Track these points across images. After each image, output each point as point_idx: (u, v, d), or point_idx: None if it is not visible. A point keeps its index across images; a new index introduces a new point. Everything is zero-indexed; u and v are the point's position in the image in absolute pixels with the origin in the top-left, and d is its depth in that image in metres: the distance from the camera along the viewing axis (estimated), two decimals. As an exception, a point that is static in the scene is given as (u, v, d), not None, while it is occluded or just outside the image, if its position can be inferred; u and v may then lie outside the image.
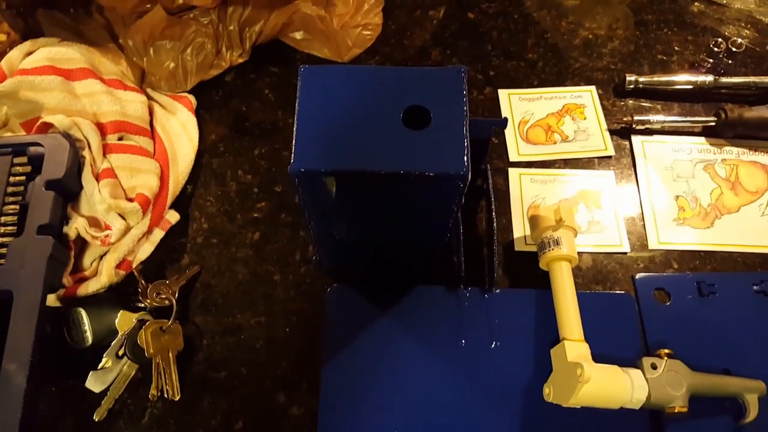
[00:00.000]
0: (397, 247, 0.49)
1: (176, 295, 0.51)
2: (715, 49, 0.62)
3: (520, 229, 0.55)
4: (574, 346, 0.45)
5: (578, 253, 0.54)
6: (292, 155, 0.38)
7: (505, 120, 0.51)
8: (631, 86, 0.61)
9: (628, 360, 0.46)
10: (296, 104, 0.39)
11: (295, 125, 0.39)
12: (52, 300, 0.50)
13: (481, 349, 0.50)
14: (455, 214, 0.43)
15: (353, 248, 0.50)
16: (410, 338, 0.50)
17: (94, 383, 0.47)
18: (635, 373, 0.45)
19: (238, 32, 0.61)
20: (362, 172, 0.38)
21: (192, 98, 0.61)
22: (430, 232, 0.46)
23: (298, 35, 0.64)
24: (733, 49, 0.62)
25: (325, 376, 0.49)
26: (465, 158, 0.38)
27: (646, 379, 0.45)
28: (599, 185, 0.57)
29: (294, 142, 0.38)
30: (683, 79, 0.61)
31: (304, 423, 0.47)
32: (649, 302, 0.52)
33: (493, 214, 0.53)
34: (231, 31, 0.61)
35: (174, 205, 0.55)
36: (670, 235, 0.55)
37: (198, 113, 0.61)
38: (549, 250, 0.50)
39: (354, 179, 0.39)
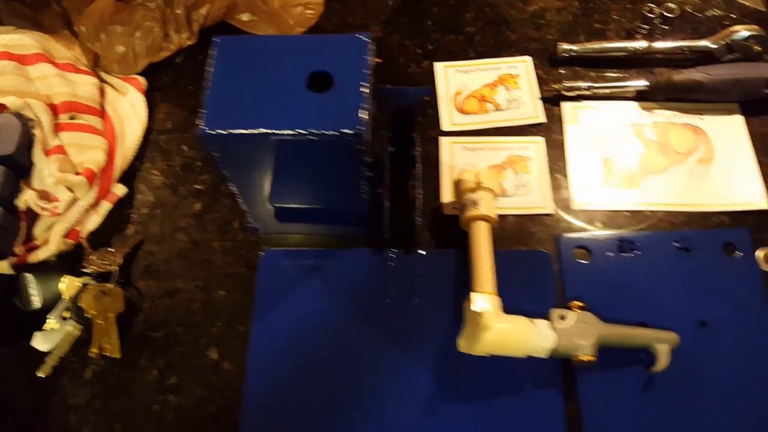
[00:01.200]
0: (320, 211, 0.52)
1: (121, 261, 0.54)
2: (649, 15, 0.63)
3: (449, 194, 0.57)
4: (480, 298, 0.48)
5: (505, 215, 0.56)
6: (202, 121, 0.40)
7: (429, 89, 0.53)
8: (565, 55, 0.63)
9: (543, 314, 0.48)
10: (209, 74, 0.42)
11: (206, 93, 0.41)
12: (5, 267, 0.53)
13: (404, 307, 0.52)
14: (363, 174, 0.45)
15: (281, 213, 0.52)
16: (336, 298, 0.53)
17: (39, 342, 0.51)
18: (542, 323, 0.47)
19: (185, 16, 0.64)
20: (265, 134, 0.40)
21: (142, 80, 0.64)
22: (344, 193, 0.48)
23: (244, 17, 0.66)
24: (667, 15, 0.63)
25: (254, 333, 0.51)
26: (361, 118, 0.40)
27: (555, 329, 0.47)
28: (528, 151, 0.59)
29: (205, 109, 0.41)
30: (616, 46, 0.62)
31: (234, 377, 0.50)
32: (569, 260, 0.54)
33: (418, 179, 0.55)
34: (178, 14, 0.64)
35: (122, 179, 0.59)
36: (596, 196, 0.57)
37: (149, 94, 0.64)
38: (467, 211, 0.52)
39: (258, 141, 0.41)
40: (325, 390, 0.49)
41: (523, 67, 0.64)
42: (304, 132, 0.40)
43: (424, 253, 0.54)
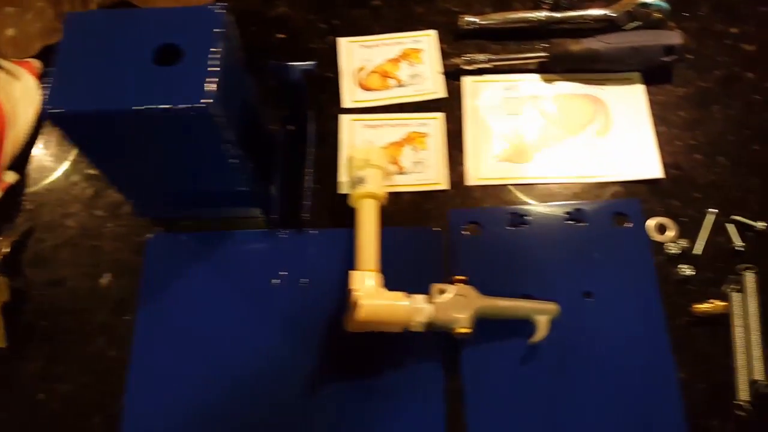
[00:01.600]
0: (202, 193, 0.51)
1: (7, 250, 0.53)
2: (553, -16, 0.62)
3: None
4: (359, 275, 0.48)
5: (401, 192, 0.56)
6: (46, 99, 0.40)
7: (313, 64, 0.52)
8: (468, 27, 0.62)
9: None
10: (57, 51, 0.41)
11: (52, 71, 0.40)
12: None
13: (292, 288, 0.52)
14: (231, 152, 0.44)
15: (162, 197, 0.52)
16: (224, 281, 0.52)
17: (-76, 332, 0.50)
18: (419, 298, 0.47)
19: (78, -7, 0.63)
20: (106, 111, 0.39)
21: (37, 63, 0.62)
22: (216, 173, 0.48)
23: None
24: (571, -16, 0.62)
25: (140, 320, 0.51)
26: (209, 91, 0.39)
27: (432, 304, 0.47)
28: (427, 128, 0.59)
29: (49, 86, 0.40)
30: (517, 17, 0.62)
31: (120, 363, 0.50)
32: (459, 235, 0.54)
33: (309, 158, 0.55)
34: (71, -8, 0.63)
35: (13, 166, 0.57)
36: (490, 171, 0.56)
37: (45, 77, 0.62)
38: (355, 188, 0.52)
39: (102, 119, 0.40)
40: (210, 373, 0.49)
41: (427, 41, 0.63)
42: (147, 107, 0.39)
43: (315, 232, 0.54)
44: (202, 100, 0.39)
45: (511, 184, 0.56)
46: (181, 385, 0.49)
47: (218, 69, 0.40)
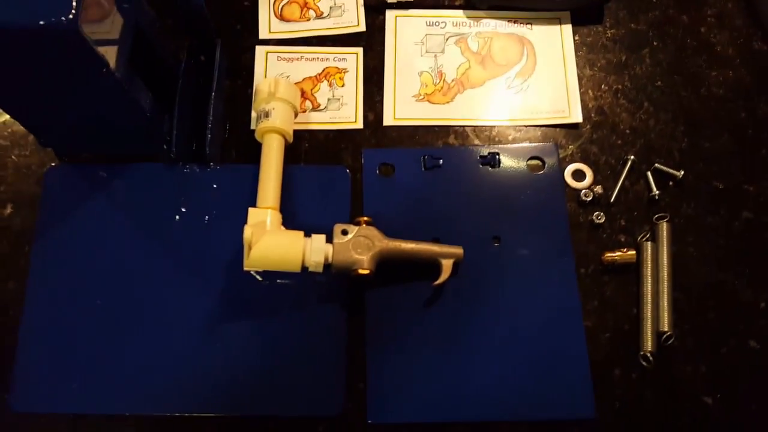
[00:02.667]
0: (101, 125, 0.48)
1: None
2: None
3: (257, 107, 0.54)
4: (257, 212, 0.46)
5: (316, 130, 0.53)
6: None
7: (213, -13, 0.48)
8: (395, -43, 0.59)
9: (334, 231, 0.47)
10: None
11: None
12: None
13: (194, 224, 0.50)
14: (111, 78, 0.41)
15: (54, 125, 0.49)
16: (124, 214, 0.50)
17: None
18: (319, 238, 0.45)
19: None
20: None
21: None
22: (105, 102, 0.45)
23: None
24: None
25: (35, 251, 0.49)
26: (72, 7, 0.35)
27: (333, 244, 0.45)
28: (345, 63, 0.56)
29: None
30: (445, -52, 0.58)
31: (18, 295, 0.48)
32: (372, 176, 0.52)
33: (216, 90, 0.52)
34: None
35: None
36: (408, 111, 0.54)
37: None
38: (260, 122, 0.49)
39: None
40: (108, 309, 0.48)
41: (351, -30, 0.60)
42: (8, 25, 0.35)
43: (218, 168, 0.52)
44: (65, 17, 0.35)
45: (428, 125, 0.54)
46: (76, 322, 0.48)
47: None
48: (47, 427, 0.46)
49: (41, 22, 0.35)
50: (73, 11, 0.36)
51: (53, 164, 0.52)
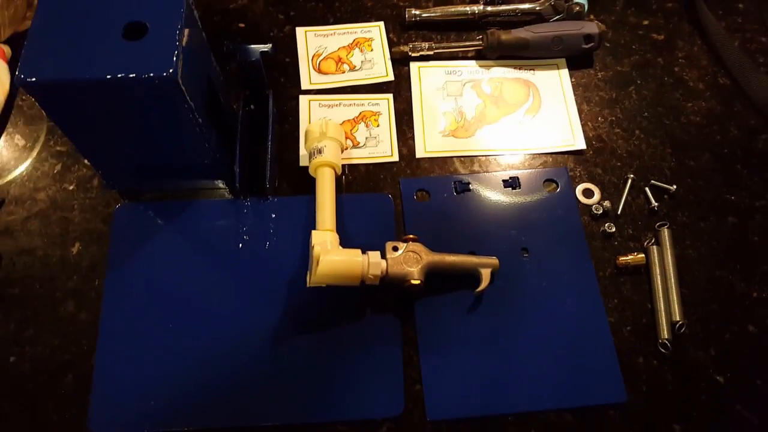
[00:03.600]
0: (168, 165, 0.55)
1: (-23, 223, 0.55)
2: (487, -19, 0.69)
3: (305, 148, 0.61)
4: (319, 234, 0.52)
5: (357, 164, 0.61)
6: (18, 68, 0.42)
7: (269, 46, 0.56)
8: (413, 19, 0.68)
9: (383, 248, 0.53)
10: (30, 27, 0.44)
11: (26, 41, 0.44)
12: None
13: (256, 251, 0.56)
14: (194, 123, 0.48)
15: (130, 169, 0.55)
16: (189, 247, 0.56)
17: None
18: (374, 254, 0.51)
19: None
20: (77, 81, 0.43)
21: (7, 48, 0.65)
22: (182, 145, 0.51)
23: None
24: (504, -19, 0.69)
25: (108, 284, 0.54)
26: (173, 63, 0.43)
27: (386, 259, 0.52)
28: (378, 107, 0.64)
29: (21, 57, 0.43)
30: (455, 10, 0.68)
31: (90, 326, 0.52)
32: (410, 201, 0.59)
33: (271, 133, 0.59)
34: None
35: (-20, 145, 0.60)
36: (436, 144, 0.62)
37: (13, 62, 0.65)
38: (314, 158, 0.56)
39: (74, 89, 0.43)
40: (177, 334, 0.52)
41: (376, 31, 0.69)
42: (117, 76, 0.42)
43: (276, 200, 0.58)
44: (169, 71, 0.42)
45: (455, 156, 0.62)
46: (149, 346, 0.51)
47: (182, 43, 0.44)
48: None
49: (149, 75, 0.43)
50: (174, 65, 0.43)
51: (118, 204, 0.57)
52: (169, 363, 0.51)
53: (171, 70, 0.43)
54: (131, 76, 0.42)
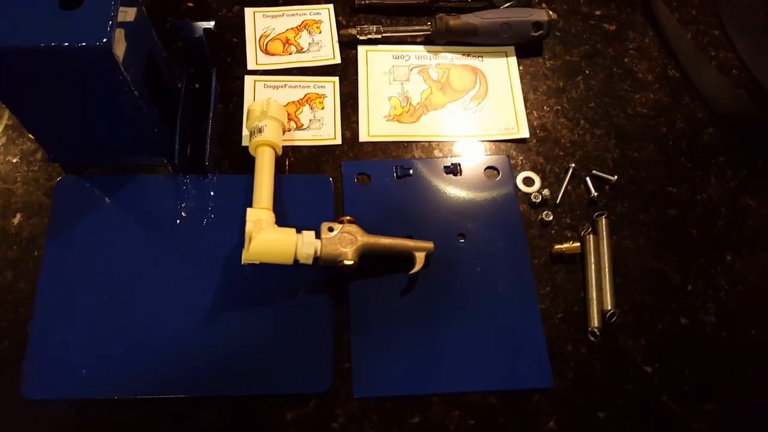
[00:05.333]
0: (110, 138, 0.54)
1: None
2: (439, -34, 0.69)
3: (246, 128, 0.61)
4: (254, 212, 0.52)
5: (300, 146, 0.60)
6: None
7: (212, 23, 0.56)
8: (363, 3, 0.68)
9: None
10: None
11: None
12: None
13: (194, 227, 0.56)
14: (131, 96, 0.48)
15: (70, 140, 0.54)
16: (128, 221, 0.56)
17: None
18: (309, 233, 0.52)
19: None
20: (11, 48, 0.42)
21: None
22: (121, 118, 0.51)
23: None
24: (455, -33, 0.69)
25: (46, 254, 0.54)
26: (107, 33, 0.42)
27: (321, 239, 0.52)
28: (324, 89, 0.64)
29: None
30: (406, -6, 0.68)
31: (27, 295, 0.52)
32: (351, 184, 0.59)
33: (212, 111, 0.58)
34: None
35: None
36: (380, 129, 0.62)
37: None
38: (254, 137, 0.56)
39: (12, 56, 0.43)
40: (113, 303, 0.52)
41: (325, 13, 0.68)
42: (49, 45, 0.42)
43: (215, 177, 0.58)
44: (101, 40, 0.42)
45: (399, 141, 0.62)
46: (84, 316, 0.52)
47: (117, 15, 0.44)
48: (57, 412, 0.49)
49: (82, 44, 0.42)
50: (108, 35, 0.43)
51: (61, 177, 0.57)
52: (103, 333, 0.51)
53: (105, 40, 0.42)
54: (65, 45, 0.42)
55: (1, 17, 0.43)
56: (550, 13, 0.66)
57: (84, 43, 0.42)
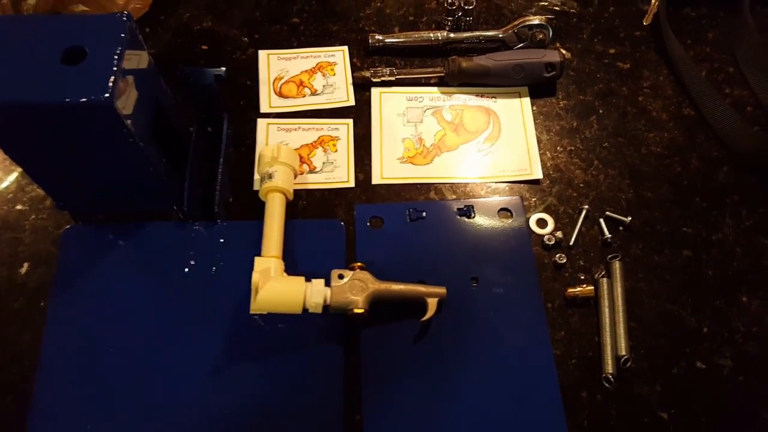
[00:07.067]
0: (118, 187, 0.55)
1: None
2: (450, 7, 0.69)
3: (260, 171, 0.62)
4: (262, 261, 0.52)
5: (313, 189, 0.61)
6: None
7: (223, 70, 0.57)
8: (377, 45, 0.69)
9: (332, 276, 0.54)
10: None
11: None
12: None
13: (202, 275, 0.56)
14: (136, 146, 0.48)
15: (76, 189, 0.55)
16: (136, 269, 0.56)
17: None
18: (318, 281, 0.52)
19: (11, 5, 0.66)
20: (14, 104, 0.43)
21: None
22: (127, 168, 0.52)
23: (75, 8, 0.69)
24: (466, 7, 0.69)
25: (52, 306, 0.54)
26: (108, 88, 0.43)
27: (330, 287, 0.52)
28: (338, 132, 0.64)
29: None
30: (418, 36, 0.69)
31: (33, 347, 0.53)
32: (363, 228, 0.59)
33: (223, 156, 0.59)
34: (4, 4, 0.66)
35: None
36: (393, 171, 0.62)
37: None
38: (264, 183, 0.57)
39: (13, 114, 0.44)
40: (120, 356, 0.52)
41: (340, 55, 0.69)
42: (52, 101, 0.43)
43: (225, 224, 0.58)
44: (105, 96, 0.43)
45: (412, 184, 0.62)
46: (90, 368, 0.52)
47: (120, 69, 0.44)
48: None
49: (82, 99, 0.43)
50: (109, 90, 0.43)
51: (69, 225, 0.58)
52: (110, 387, 0.51)
53: (106, 95, 0.43)
54: (67, 100, 0.43)
55: (5, 73, 0.44)
56: (563, 52, 0.66)
57: (85, 99, 0.43)
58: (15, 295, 0.55)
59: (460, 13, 0.70)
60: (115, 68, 0.44)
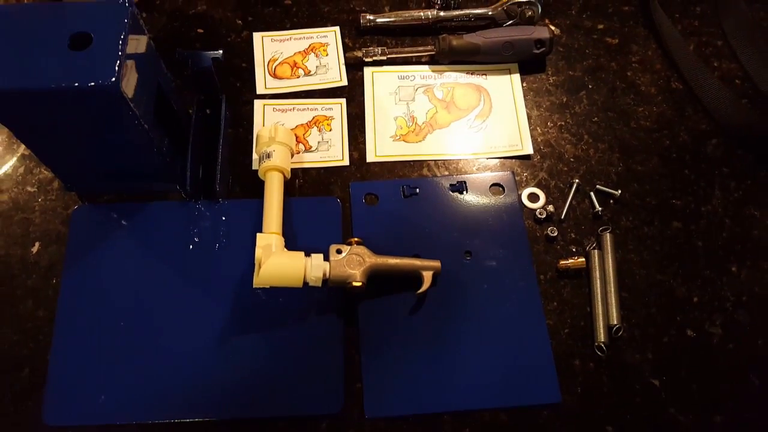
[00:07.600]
0: (123, 168, 0.56)
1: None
2: (441, -15, 0.70)
3: (256, 151, 0.63)
4: (264, 237, 0.53)
5: (308, 168, 0.62)
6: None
7: (220, 53, 0.58)
8: (368, 24, 0.69)
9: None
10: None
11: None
12: None
13: (206, 252, 0.57)
14: (141, 129, 0.49)
15: (84, 170, 0.56)
16: (142, 247, 0.57)
17: None
18: (317, 256, 0.53)
19: None
20: (24, 90, 0.44)
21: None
22: (132, 149, 0.53)
23: None
24: (457, -15, 0.70)
25: (64, 283, 0.56)
26: (115, 72, 0.44)
27: (328, 261, 0.53)
28: (331, 111, 0.65)
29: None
30: (408, 15, 0.69)
31: (47, 323, 0.54)
32: (359, 205, 0.60)
33: (222, 137, 0.60)
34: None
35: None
36: (387, 149, 0.63)
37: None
38: (263, 162, 0.58)
39: (22, 98, 0.45)
40: (130, 329, 0.54)
41: (332, 36, 0.70)
42: (60, 86, 0.44)
43: (226, 203, 0.59)
44: (109, 80, 0.44)
45: (405, 161, 0.63)
46: (101, 342, 0.53)
47: (125, 53, 0.45)
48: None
49: (90, 83, 0.44)
50: (116, 74, 0.45)
51: (77, 206, 0.59)
52: (120, 359, 0.53)
53: (113, 79, 0.44)
54: (75, 85, 0.44)
55: (17, 59, 0.45)
56: (552, 29, 0.67)
57: (92, 83, 0.44)
58: (28, 273, 0.56)
59: (450, -8, 0.70)
60: (120, 53, 0.45)
